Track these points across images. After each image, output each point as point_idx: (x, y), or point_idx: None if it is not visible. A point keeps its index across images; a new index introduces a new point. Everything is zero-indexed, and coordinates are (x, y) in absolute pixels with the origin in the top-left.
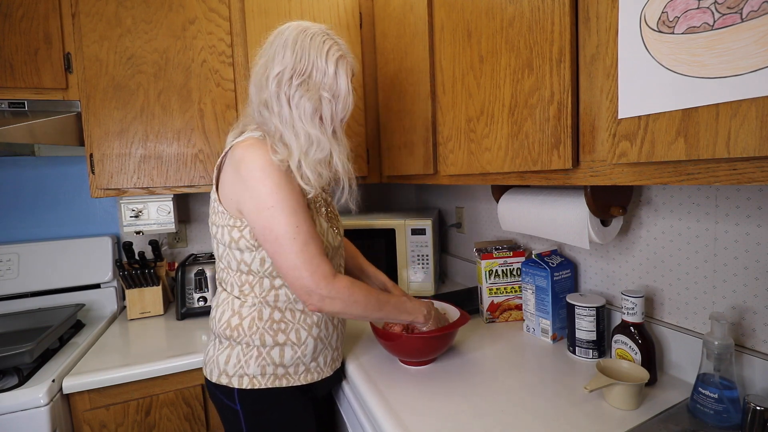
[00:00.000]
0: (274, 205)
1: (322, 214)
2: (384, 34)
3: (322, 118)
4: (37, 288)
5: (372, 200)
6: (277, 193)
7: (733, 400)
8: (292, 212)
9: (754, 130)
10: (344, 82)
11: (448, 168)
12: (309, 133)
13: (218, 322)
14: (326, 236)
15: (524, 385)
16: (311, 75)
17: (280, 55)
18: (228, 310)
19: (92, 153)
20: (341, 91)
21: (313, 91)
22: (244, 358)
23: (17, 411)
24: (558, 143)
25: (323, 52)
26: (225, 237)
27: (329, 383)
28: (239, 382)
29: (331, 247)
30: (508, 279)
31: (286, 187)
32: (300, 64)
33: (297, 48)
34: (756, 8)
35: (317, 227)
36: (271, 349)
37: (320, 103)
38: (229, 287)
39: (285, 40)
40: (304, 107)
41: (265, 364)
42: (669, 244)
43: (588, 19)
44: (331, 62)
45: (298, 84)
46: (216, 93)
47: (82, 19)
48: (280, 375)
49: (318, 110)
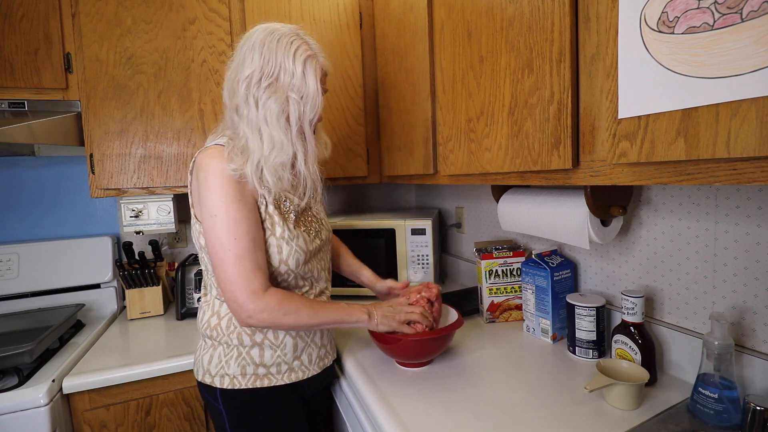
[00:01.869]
0: (217, 214)
1: (290, 220)
2: (384, 34)
3: (289, 120)
4: (37, 288)
5: (372, 200)
6: (223, 203)
7: (733, 400)
8: (233, 223)
9: (754, 130)
10: (312, 81)
11: (448, 168)
12: (272, 136)
13: (201, 323)
14: (297, 241)
15: (524, 385)
16: (278, 77)
17: (249, 58)
18: (208, 311)
19: (92, 153)
20: (309, 91)
21: (281, 93)
22: (225, 358)
23: (17, 411)
24: (558, 143)
25: (290, 53)
26: (198, 240)
27: (317, 381)
28: (221, 382)
29: (305, 252)
30: (508, 279)
31: (234, 197)
32: (268, 66)
33: (264, 50)
34: (756, 8)
35: (286, 233)
36: (251, 348)
37: (287, 104)
38: (208, 287)
39: (253, 43)
40: (271, 108)
41: (246, 363)
42: (669, 244)
43: (588, 19)
44: (299, 62)
45: (266, 86)
46: (216, 93)
47: (82, 19)
48: (262, 375)
49: (285, 111)
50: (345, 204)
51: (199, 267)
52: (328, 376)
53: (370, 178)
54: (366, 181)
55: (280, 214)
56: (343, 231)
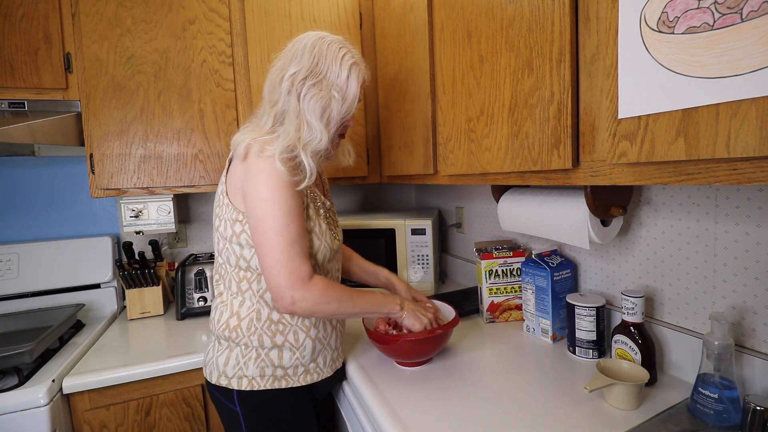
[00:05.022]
0: (270, 199)
1: (321, 215)
2: (384, 34)
3: (330, 117)
4: (37, 288)
5: (372, 200)
6: (277, 189)
7: (733, 400)
8: (286, 209)
9: (754, 130)
10: (355, 86)
11: (448, 168)
12: (313, 126)
13: (217, 324)
14: (325, 237)
15: (524, 385)
16: (326, 76)
17: (298, 58)
18: (227, 311)
19: (92, 153)
20: (350, 94)
21: (325, 91)
22: (243, 360)
23: (17, 411)
24: (558, 143)
25: (338, 58)
26: (227, 230)
27: (330, 383)
28: (238, 384)
29: (330, 250)
30: (508, 279)
31: (287, 185)
32: (317, 67)
33: (315, 52)
34: (756, 8)
35: (317, 227)
36: (270, 350)
37: (330, 102)
38: (227, 283)
39: (304, 45)
40: (314, 102)
41: (264, 365)
42: (669, 244)
43: (588, 19)
44: (345, 67)
45: (311, 84)
46: (216, 93)
47: (82, 19)
48: (280, 376)
49: (327, 109)
50: (345, 204)
51: (199, 267)
52: (338, 378)
53: (370, 178)
54: (366, 181)
55: (314, 208)
56: (343, 231)
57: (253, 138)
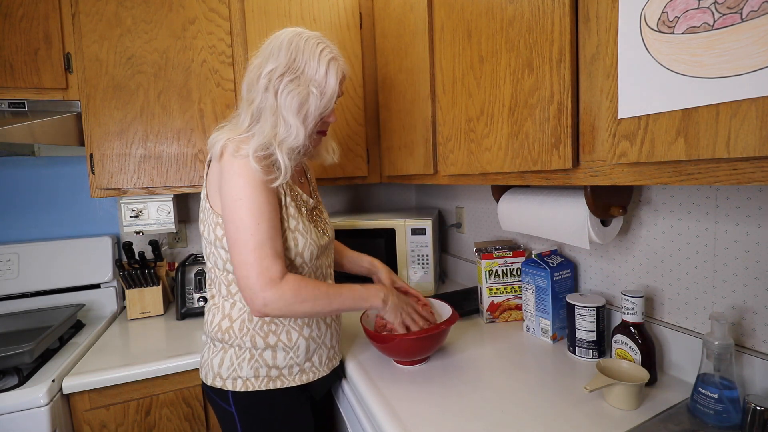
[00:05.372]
0: (241, 198)
1: (303, 214)
2: (384, 34)
3: (307, 113)
4: (37, 288)
5: (372, 200)
6: (249, 188)
7: (733, 400)
8: (257, 209)
9: (754, 130)
10: (333, 81)
11: (448, 168)
12: (289, 123)
13: (210, 326)
14: (310, 234)
15: (524, 385)
16: (304, 72)
17: (275, 55)
18: (218, 314)
19: (92, 153)
20: (329, 90)
21: (303, 87)
22: (237, 361)
23: (17, 411)
24: (558, 143)
25: (316, 53)
26: (210, 235)
27: (326, 382)
28: (233, 385)
29: (318, 247)
30: (508, 279)
31: (259, 183)
32: (294, 63)
33: (292, 48)
34: (756, 8)
35: (301, 225)
36: (263, 351)
37: (308, 97)
38: (216, 287)
39: (281, 42)
40: (291, 98)
41: (258, 366)
42: (669, 244)
43: (588, 19)
44: (323, 63)
45: (289, 80)
46: (216, 93)
47: (82, 19)
48: (274, 377)
49: (305, 104)
50: (345, 204)
51: (199, 267)
52: (336, 376)
53: (370, 178)
54: (366, 181)
55: (296, 207)
56: (343, 231)
57: (228, 137)
